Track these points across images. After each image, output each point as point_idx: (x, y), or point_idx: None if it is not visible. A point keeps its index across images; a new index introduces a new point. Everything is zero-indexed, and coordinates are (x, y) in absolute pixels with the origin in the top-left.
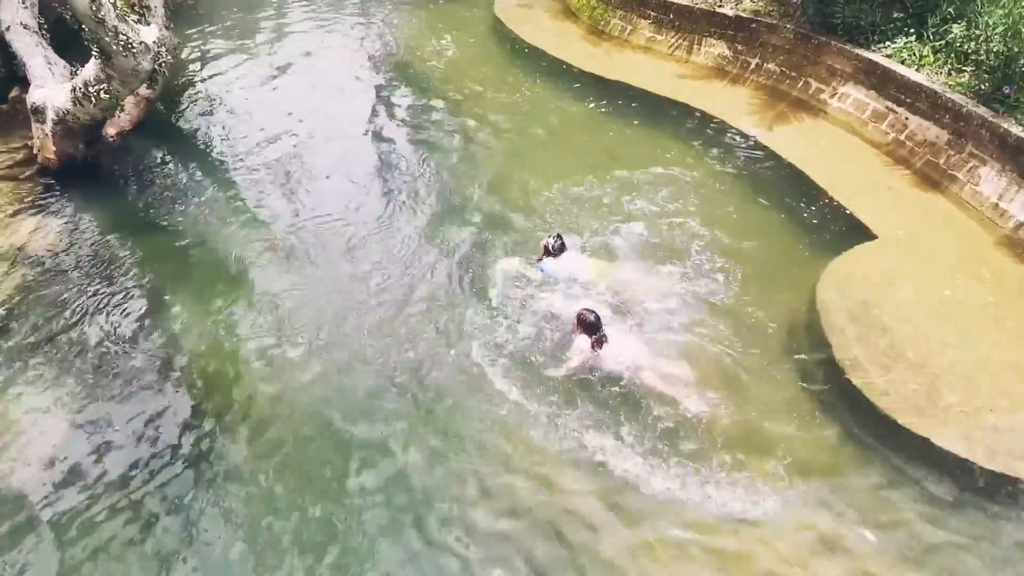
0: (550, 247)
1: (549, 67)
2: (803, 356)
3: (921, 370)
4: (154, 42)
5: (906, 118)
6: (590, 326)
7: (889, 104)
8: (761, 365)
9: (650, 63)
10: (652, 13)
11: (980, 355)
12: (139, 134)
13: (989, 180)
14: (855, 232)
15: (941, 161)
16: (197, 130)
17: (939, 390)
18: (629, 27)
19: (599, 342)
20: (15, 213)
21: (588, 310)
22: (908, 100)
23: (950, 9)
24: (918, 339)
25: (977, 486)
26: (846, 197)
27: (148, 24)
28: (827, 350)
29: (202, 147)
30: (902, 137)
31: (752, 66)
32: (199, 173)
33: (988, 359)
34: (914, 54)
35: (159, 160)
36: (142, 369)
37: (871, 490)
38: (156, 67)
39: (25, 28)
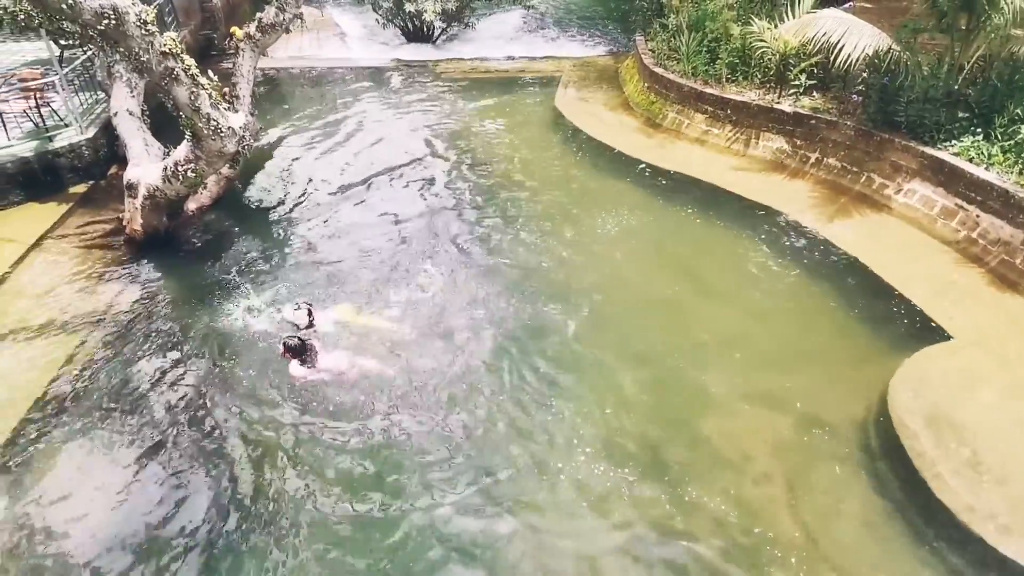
0: (297, 325)
1: (606, 156)
2: (873, 460)
3: (1008, 484)
4: (240, 127)
5: (977, 216)
6: (294, 349)
7: (959, 201)
8: (827, 468)
9: (706, 155)
10: (708, 108)
11: None
12: (217, 209)
13: None
14: (927, 332)
15: (1018, 261)
16: (269, 208)
17: None
18: (686, 121)
19: (309, 360)
20: (100, 279)
21: (288, 337)
22: (979, 198)
23: (1018, 110)
24: (1004, 450)
25: None
26: (917, 295)
27: (236, 111)
28: (901, 455)
29: (273, 225)
30: (974, 235)
31: (812, 160)
32: (269, 249)
33: None
34: (982, 153)
35: (232, 235)
36: (203, 435)
37: None
38: (239, 149)
39: (130, 114)
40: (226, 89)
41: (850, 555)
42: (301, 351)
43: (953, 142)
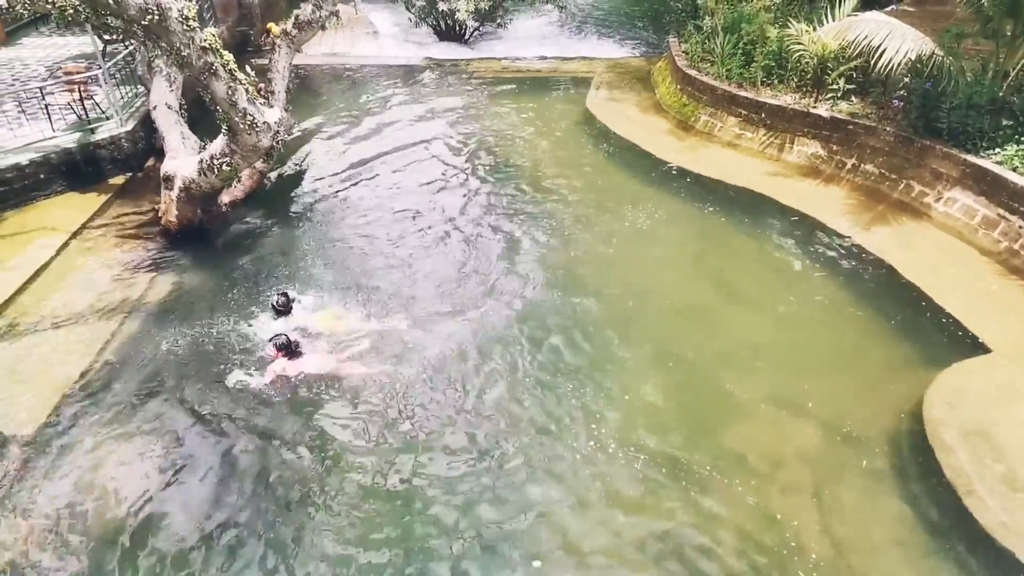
0: (275, 305)
1: (637, 158)
2: (904, 473)
3: None
4: (275, 122)
5: (1020, 227)
6: (284, 348)
7: (1001, 212)
8: (856, 479)
9: (738, 159)
10: (742, 111)
11: None
12: (249, 203)
13: None
14: (965, 344)
15: None
16: (300, 203)
17: None
18: (719, 124)
19: (293, 356)
20: (135, 269)
21: (277, 335)
22: (1022, 209)
23: None
24: None
25: None
26: (954, 306)
27: (272, 107)
28: (934, 469)
29: (303, 219)
30: (1016, 246)
31: (848, 166)
32: (298, 244)
33: None
34: None
35: (263, 228)
36: (230, 425)
37: None
38: (274, 144)
39: (169, 108)
40: (262, 84)
41: (879, 570)
42: (290, 348)
43: (996, 150)
